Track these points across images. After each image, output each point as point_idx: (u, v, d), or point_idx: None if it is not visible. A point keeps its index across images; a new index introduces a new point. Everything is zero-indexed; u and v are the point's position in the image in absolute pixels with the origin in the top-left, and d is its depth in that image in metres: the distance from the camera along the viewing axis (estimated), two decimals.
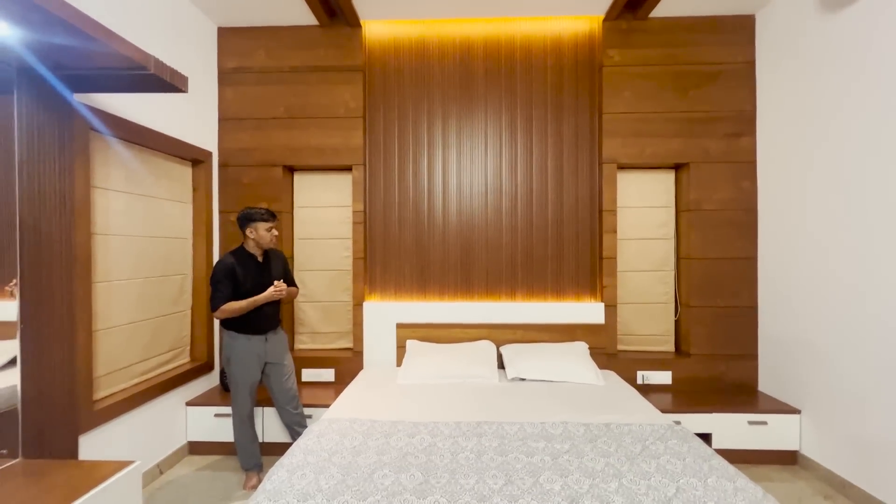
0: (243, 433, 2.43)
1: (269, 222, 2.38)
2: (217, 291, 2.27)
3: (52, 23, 1.44)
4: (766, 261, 2.93)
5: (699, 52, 3.01)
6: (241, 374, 2.37)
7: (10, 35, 1.47)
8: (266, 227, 2.37)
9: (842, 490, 2.31)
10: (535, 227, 3.15)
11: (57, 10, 1.40)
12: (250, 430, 2.45)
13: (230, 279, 2.30)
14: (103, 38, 1.55)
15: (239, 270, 2.32)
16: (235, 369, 2.37)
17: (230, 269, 2.30)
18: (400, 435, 1.84)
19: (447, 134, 3.18)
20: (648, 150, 3.03)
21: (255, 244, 2.40)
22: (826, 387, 2.45)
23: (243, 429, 2.43)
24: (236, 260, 2.34)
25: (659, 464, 1.60)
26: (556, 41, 3.13)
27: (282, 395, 2.52)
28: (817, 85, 2.50)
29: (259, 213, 2.36)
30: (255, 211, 2.36)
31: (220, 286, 2.28)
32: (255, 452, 2.46)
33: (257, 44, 3.14)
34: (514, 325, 3.07)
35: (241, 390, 2.39)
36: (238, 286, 2.31)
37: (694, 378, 3.01)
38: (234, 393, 2.40)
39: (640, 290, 3.18)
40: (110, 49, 1.60)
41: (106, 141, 2.25)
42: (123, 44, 1.62)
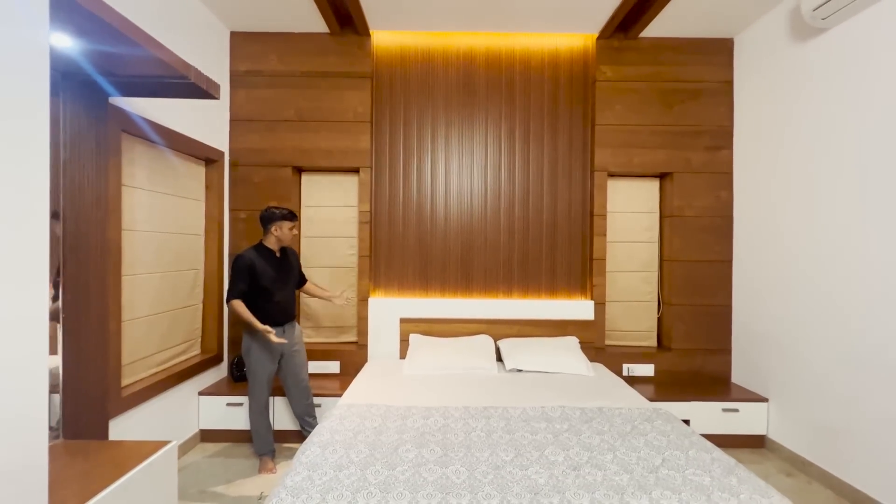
0: (259, 422, 2.58)
1: (292, 222, 2.55)
2: (233, 284, 2.44)
3: (107, 33, 1.57)
4: (740, 263, 3.21)
5: (683, 70, 3.27)
6: (258, 366, 2.52)
7: (70, 46, 1.59)
8: (289, 226, 2.55)
9: (802, 468, 2.59)
10: (530, 229, 3.36)
11: (112, 20, 1.53)
12: (266, 419, 2.60)
13: (248, 273, 2.45)
14: (151, 48, 1.69)
15: (258, 265, 2.47)
16: (254, 360, 2.52)
17: (249, 264, 2.45)
18: (415, 417, 2.02)
19: (449, 139, 3.36)
20: (636, 159, 3.28)
21: (276, 241, 2.55)
22: (791, 377, 2.73)
23: (260, 418, 2.58)
24: (256, 255, 2.49)
25: (647, 440, 1.82)
26: (553, 56, 3.35)
27: (295, 386, 2.67)
28: (788, 105, 2.78)
29: (284, 212, 2.53)
30: (280, 211, 2.53)
31: (237, 280, 2.43)
32: (270, 439, 2.61)
33: (269, 49, 3.26)
34: (510, 320, 3.28)
35: (258, 381, 2.53)
36: (258, 279, 2.46)
37: (674, 370, 3.27)
38: (251, 383, 2.55)
39: (626, 289, 3.44)
40: (154, 57, 1.73)
41: (132, 141, 2.36)
42: (168, 53, 1.76)
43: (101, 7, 1.46)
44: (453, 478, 1.51)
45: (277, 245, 2.58)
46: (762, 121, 3.01)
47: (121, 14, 1.53)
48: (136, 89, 1.99)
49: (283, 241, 2.57)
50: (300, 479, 1.50)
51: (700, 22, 3.09)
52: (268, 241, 2.57)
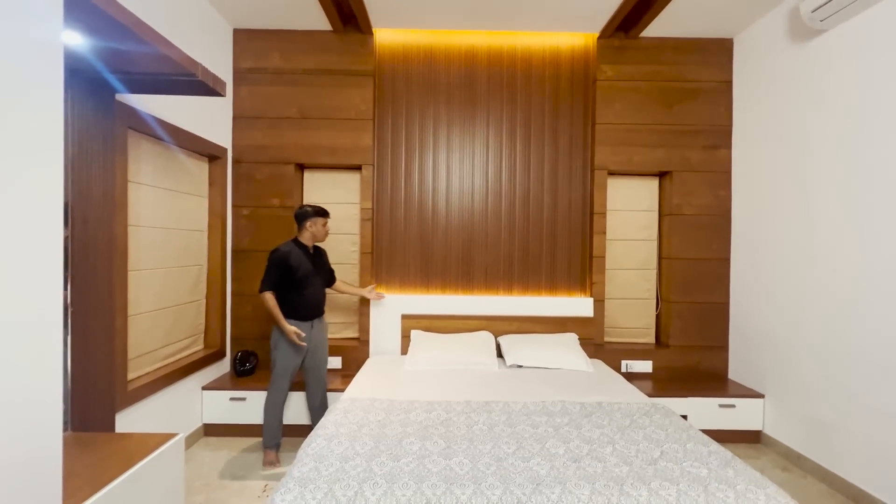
0: (274, 414, 2.62)
1: (326, 218, 2.71)
2: (266, 275, 2.53)
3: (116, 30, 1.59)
4: (737, 262, 3.25)
5: (683, 70, 3.30)
6: (285, 359, 2.58)
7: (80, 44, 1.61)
8: (323, 222, 2.70)
9: (797, 463, 2.64)
10: (531, 226, 3.39)
11: (123, 18, 1.55)
12: (281, 412, 2.65)
13: (282, 267, 2.54)
14: (160, 46, 1.71)
15: (294, 259, 2.57)
16: (281, 353, 2.58)
17: (285, 258, 2.55)
18: (418, 411, 2.05)
19: (451, 137, 3.39)
20: (636, 158, 3.31)
21: (311, 237, 2.68)
22: (786, 373, 2.77)
23: (275, 410, 2.62)
24: (292, 248, 2.60)
25: (646, 433, 1.86)
26: (555, 55, 3.38)
27: (315, 379, 2.75)
28: (787, 105, 2.82)
29: (318, 209, 2.68)
30: (314, 208, 2.66)
31: (271, 272, 2.53)
32: (279, 433, 2.64)
33: (272, 46, 3.28)
34: (510, 317, 3.32)
35: (282, 374, 2.59)
36: (293, 273, 2.55)
37: (672, 366, 3.32)
38: (275, 375, 2.60)
39: (625, 286, 3.48)
40: (163, 55, 1.75)
41: (138, 137, 2.38)
42: (176, 51, 1.78)
43: (113, 5, 1.48)
44: (457, 469, 1.55)
45: (312, 241, 2.70)
46: (760, 121, 3.04)
47: (131, 12, 1.55)
48: (143, 86, 2.01)
49: (317, 238, 2.70)
50: (307, 469, 1.53)
51: (700, 22, 3.12)
52: (303, 238, 2.67)
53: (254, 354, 3.21)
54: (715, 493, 1.43)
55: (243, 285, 3.28)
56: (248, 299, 3.29)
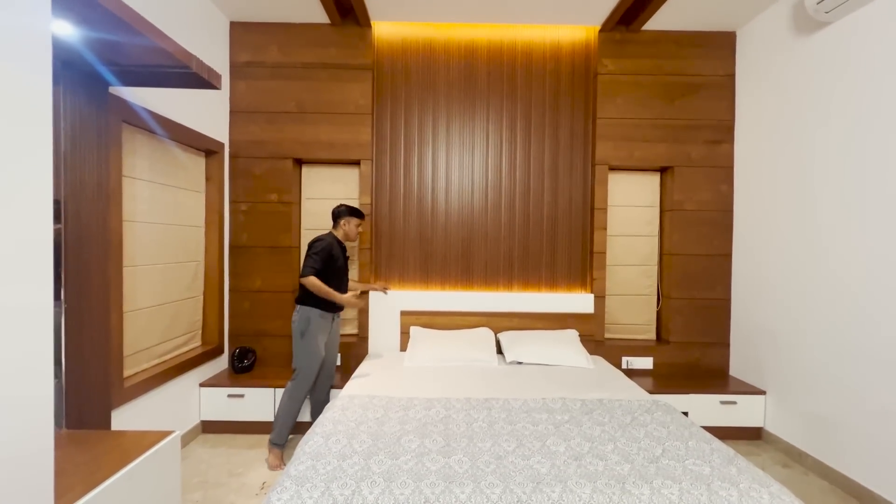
0: (293, 412, 2.58)
1: (360, 219, 2.79)
2: (311, 259, 2.56)
3: (108, 21, 1.56)
4: (739, 257, 3.23)
5: (685, 64, 3.26)
6: (315, 347, 2.58)
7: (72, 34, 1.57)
8: (357, 222, 2.78)
9: (798, 459, 2.63)
10: (531, 222, 3.37)
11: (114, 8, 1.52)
12: (298, 409, 2.61)
13: (327, 255, 2.59)
14: (153, 37, 1.68)
15: (335, 250, 2.65)
16: (310, 342, 2.57)
17: (329, 248, 2.60)
18: (417, 408, 2.03)
19: (450, 132, 3.35)
20: (637, 153, 3.28)
21: (343, 235, 2.77)
22: (788, 370, 2.75)
23: (296, 406, 2.58)
24: (332, 241, 2.67)
25: (647, 430, 1.84)
26: (555, 48, 3.34)
27: (326, 376, 2.77)
28: (791, 99, 2.78)
29: (353, 209, 2.76)
30: (349, 207, 2.75)
31: (317, 257, 2.56)
32: (288, 432, 2.60)
33: (269, 39, 3.24)
34: (510, 313, 3.30)
35: (312, 361, 2.57)
36: (333, 263, 2.63)
37: (673, 363, 3.30)
38: (303, 368, 2.56)
39: (626, 282, 3.45)
40: (157, 46, 1.72)
41: (133, 131, 2.35)
42: (170, 43, 1.75)
43: None
44: (456, 467, 1.53)
45: (344, 239, 2.78)
46: (764, 115, 3.01)
47: (123, 2, 1.52)
48: (137, 79, 1.97)
49: (349, 237, 2.79)
50: (304, 468, 1.51)
51: (702, 15, 3.08)
52: (337, 233, 2.76)
53: (252, 351, 3.19)
54: (718, 492, 1.41)
55: (241, 281, 3.26)
56: (246, 295, 3.27)
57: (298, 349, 2.60)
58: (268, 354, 3.29)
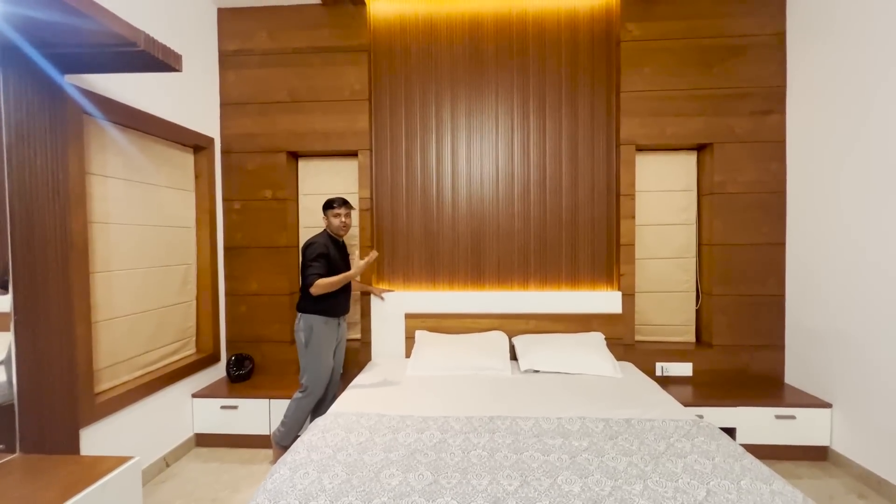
0: (301, 419, 2.44)
1: (334, 209, 2.49)
2: (311, 268, 2.35)
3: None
4: (794, 247, 2.76)
5: (725, 24, 2.81)
6: (322, 358, 2.42)
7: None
8: (333, 213, 2.49)
9: (878, 488, 2.17)
10: (548, 212, 3.01)
11: None
12: (305, 419, 2.47)
13: (324, 257, 2.39)
14: (89, 12, 1.45)
15: (331, 251, 2.43)
16: (316, 353, 2.40)
17: (324, 247, 2.40)
18: (408, 430, 1.75)
19: (456, 116, 3.04)
20: (669, 129, 2.86)
21: (333, 227, 2.53)
22: (860, 379, 2.30)
23: (303, 416, 2.43)
24: (326, 241, 2.45)
25: (686, 463, 1.48)
26: (571, 16, 2.96)
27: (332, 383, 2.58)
28: (854, 58, 2.31)
29: (331, 200, 2.50)
30: (331, 199, 2.51)
31: (316, 263, 2.36)
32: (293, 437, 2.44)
33: (259, 25, 3.02)
34: (526, 314, 2.96)
35: (321, 374, 2.42)
36: (333, 264, 2.42)
37: (716, 370, 2.87)
38: (311, 376, 2.41)
39: (659, 277, 3.04)
40: (98, 25, 1.50)
41: (102, 126, 2.17)
42: (111, 18, 1.52)
43: None
44: None
45: (335, 233, 2.54)
46: (821, 79, 2.53)
47: None
48: (84, 64, 1.77)
49: (333, 230, 2.52)
50: None
51: None
52: (329, 228, 2.54)
53: (249, 358, 3.00)
54: None
55: (237, 284, 3.07)
56: (243, 299, 3.08)
57: (305, 361, 2.42)
58: (267, 361, 3.09)
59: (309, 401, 2.40)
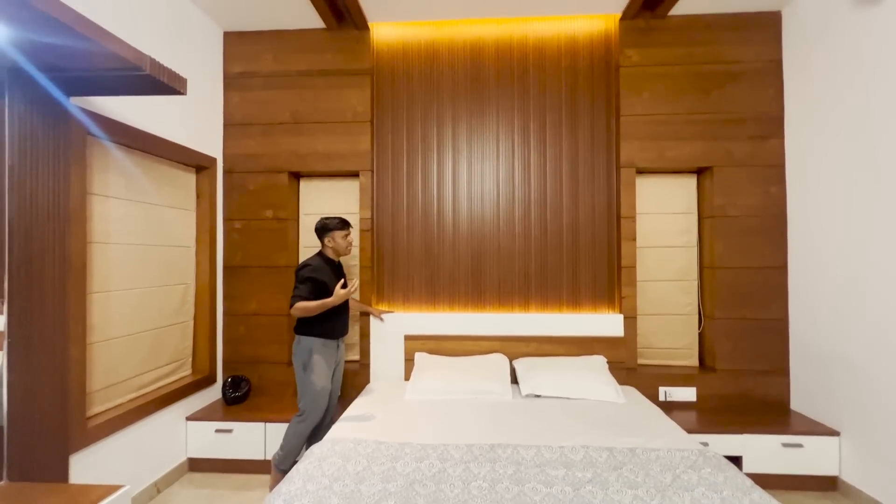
0: (300, 444, 2.37)
1: (344, 230, 2.49)
2: (297, 290, 2.31)
3: (43, 21, 1.37)
4: (796, 270, 2.75)
5: (722, 50, 2.86)
6: (319, 381, 2.35)
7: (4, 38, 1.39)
8: (342, 234, 2.48)
9: None
10: (549, 234, 3.01)
11: (47, 8, 1.32)
12: (303, 444, 2.40)
13: (313, 282, 2.33)
14: (96, 37, 1.47)
15: (322, 274, 2.37)
16: (315, 376, 2.34)
17: (314, 273, 2.35)
18: (407, 459, 1.70)
19: (457, 138, 3.07)
20: (668, 153, 2.89)
21: (333, 252, 2.50)
22: (868, 406, 2.25)
23: (300, 442, 2.36)
24: (320, 263, 2.41)
25: (693, 497, 1.44)
26: (571, 41, 3.02)
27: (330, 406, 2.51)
28: (850, 84, 2.35)
29: (335, 222, 2.46)
30: (332, 220, 2.46)
31: (302, 286, 2.31)
32: (292, 461, 2.38)
33: (264, 48, 3.07)
34: (527, 337, 2.92)
35: (319, 398, 2.35)
36: (324, 288, 2.35)
37: (720, 395, 2.82)
38: (308, 400, 2.34)
39: (660, 300, 3.02)
40: (104, 49, 1.52)
41: (106, 147, 2.18)
42: (118, 43, 1.54)
43: None
44: None
45: (336, 256, 2.53)
46: (819, 104, 2.56)
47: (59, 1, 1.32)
48: (90, 87, 1.79)
49: (339, 252, 2.51)
50: None
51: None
52: (326, 251, 2.50)
53: (245, 380, 2.95)
54: None
55: (236, 304, 3.04)
56: (242, 319, 3.05)
57: (303, 385, 2.35)
58: (264, 382, 3.04)
59: (307, 425, 2.34)
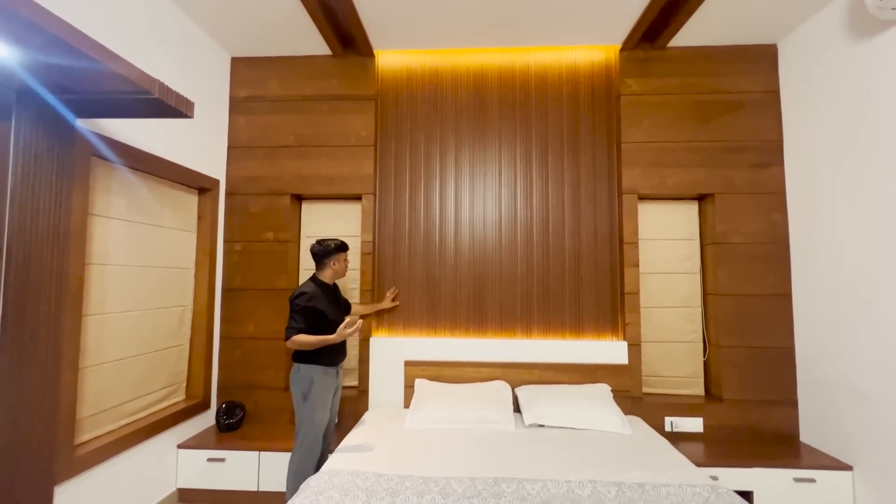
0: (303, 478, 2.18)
1: (346, 252, 2.47)
2: (293, 320, 2.22)
3: (54, 44, 1.38)
4: (801, 298, 2.73)
5: (720, 81, 2.92)
6: (319, 412, 2.26)
7: (8, 57, 1.40)
8: (344, 257, 2.46)
9: None
10: (551, 259, 2.99)
11: (58, 31, 1.34)
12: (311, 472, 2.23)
13: (311, 311, 2.25)
14: (106, 61, 1.49)
15: (320, 301, 2.30)
16: (315, 406, 2.24)
17: (312, 302, 2.26)
18: (408, 494, 1.63)
19: (460, 163, 3.09)
20: (670, 180, 2.90)
21: (332, 275, 2.44)
22: (882, 439, 2.19)
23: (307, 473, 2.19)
24: (316, 290, 2.32)
25: None
26: (572, 70, 3.08)
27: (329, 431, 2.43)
28: (850, 112, 2.38)
29: (339, 244, 2.43)
30: (335, 242, 2.42)
31: (298, 317, 2.23)
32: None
33: (270, 73, 3.12)
34: (530, 364, 2.87)
35: (317, 430, 2.25)
36: (322, 317, 2.27)
37: (727, 425, 2.75)
38: (306, 431, 2.23)
39: (664, 327, 2.98)
40: (114, 72, 1.53)
41: (109, 168, 2.18)
42: (127, 67, 1.56)
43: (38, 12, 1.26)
44: None
45: (333, 279, 2.46)
46: (818, 132, 2.60)
47: (63, 20, 1.34)
48: (98, 109, 1.80)
49: (339, 275, 2.47)
50: None
51: (736, 28, 2.76)
52: (323, 276, 2.42)
53: (240, 406, 2.87)
54: None
55: (233, 327, 2.99)
56: (238, 342, 2.99)
57: (302, 416, 2.24)
58: (259, 409, 2.96)
59: (308, 463, 2.22)
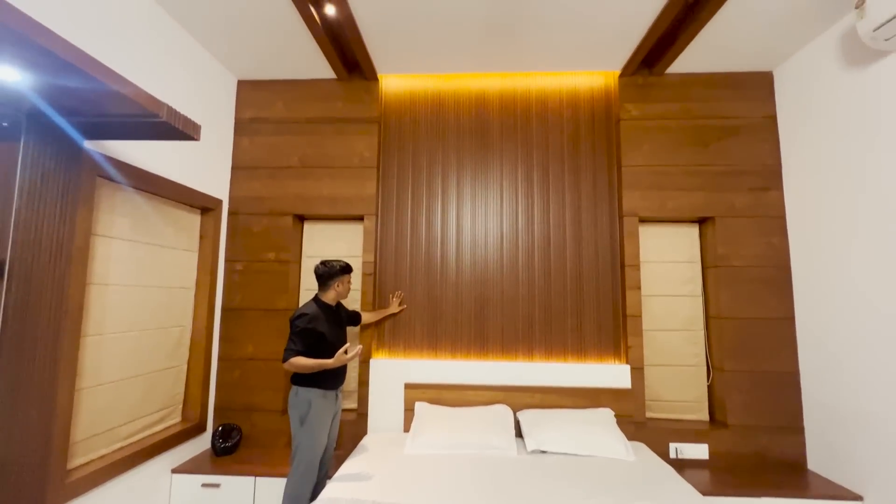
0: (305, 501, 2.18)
1: (351, 273, 2.49)
2: (292, 342, 2.20)
3: (63, 68, 1.40)
4: (804, 321, 2.71)
5: (718, 107, 2.97)
6: (317, 437, 2.22)
7: (19, 80, 1.42)
8: (349, 279, 2.48)
9: None
10: (553, 282, 2.99)
11: (67, 55, 1.36)
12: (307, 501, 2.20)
13: (311, 333, 2.23)
14: (115, 84, 1.51)
15: (321, 324, 2.29)
16: (312, 430, 2.20)
17: (313, 324, 2.24)
18: None
19: (461, 185, 3.11)
20: (670, 203, 2.92)
21: (336, 296, 2.44)
22: (891, 467, 2.15)
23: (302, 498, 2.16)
24: (318, 312, 2.32)
25: None
26: (572, 95, 3.13)
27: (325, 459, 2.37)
28: (846, 137, 2.42)
29: (343, 265, 2.44)
30: (339, 264, 2.43)
31: (297, 339, 2.21)
32: None
33: (276, 96, 3.17)
34: (531, 387, 2.83)
35: (314, 455, 2.20)
36: (322, 340, 2.26)
37: (733, 452, 2.70)
38: (302, 456, 2.18)
39: (667, 350, 2.96)
40: (123, 95, 1.55)
41: (114, 188, 2.19)
42: (135, 90, 1.58)
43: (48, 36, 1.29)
44: None
45: (335, 300, 2.46)
46: (816, 157, 2.63)
47: (72, 44, 1.36)
48: (106, 131, 1.82)
49: (342, 296, 2.48)
50: None
51: (733, 55, 2.82)
52: (326, 297, 2.42)
53: (237, 428, 2.81)
54: None
55: (232, 348, 2.97)
56: (237, 363, 2.96)
57: (300, 440, 2.21)
58: (256, 431, 2.91)
59: (304, 485, 2.17)
